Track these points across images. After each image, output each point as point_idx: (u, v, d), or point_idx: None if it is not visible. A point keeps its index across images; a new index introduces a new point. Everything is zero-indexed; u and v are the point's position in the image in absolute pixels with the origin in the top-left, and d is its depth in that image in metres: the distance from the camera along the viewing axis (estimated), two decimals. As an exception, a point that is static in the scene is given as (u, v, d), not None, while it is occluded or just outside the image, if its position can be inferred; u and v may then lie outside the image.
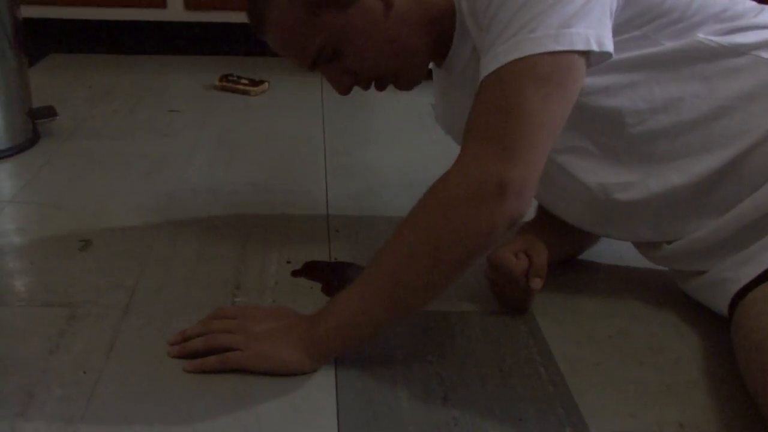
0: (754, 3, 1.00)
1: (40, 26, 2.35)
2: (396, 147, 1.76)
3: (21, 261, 1.19)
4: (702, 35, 0.94)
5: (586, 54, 0.85)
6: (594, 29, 0.84)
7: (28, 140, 1.65)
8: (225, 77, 2.15)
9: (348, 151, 1.70)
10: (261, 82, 2.13)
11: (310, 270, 1.17)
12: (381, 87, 1.06)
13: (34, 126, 1.69)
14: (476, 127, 0.85)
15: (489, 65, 0.85)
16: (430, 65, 1.09)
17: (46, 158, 1.59)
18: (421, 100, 2.04)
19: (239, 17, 2.48)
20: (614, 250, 1.25)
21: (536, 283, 1.05)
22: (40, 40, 2.33)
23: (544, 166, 0.86)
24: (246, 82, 2.12)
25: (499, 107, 0.84)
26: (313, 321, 0.91)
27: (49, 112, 1.72)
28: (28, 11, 1.78)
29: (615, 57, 0.88)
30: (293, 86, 2.17)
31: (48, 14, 2.47)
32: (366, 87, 1.06)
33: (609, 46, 0.85)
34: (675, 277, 1.13)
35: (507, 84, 0.83)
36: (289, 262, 1.19)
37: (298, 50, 1.01)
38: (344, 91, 1.05)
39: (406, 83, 1.05)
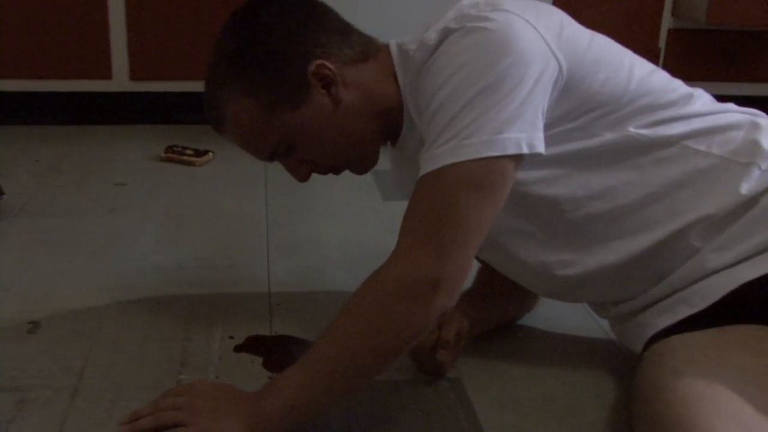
0: (684, 90, 1.08)
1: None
2: (336, 217, 1.83)
3: (-29, 346, 1.23)
4: (633, 129, 1.02)
5: (518, 156, 0.93)
6: (526, 132, 0.93)
7: (-25, 220, 1.69)
8: (170, 148, 2.21)
9: (290, 223, 1.78)
10: (205, 152, 2.20)
11: (252, 344, 1.23)
12: (337, 173, 1.15)
13: (-18, 206, 1.73)
14: (411, 226, 0.93)
15: (427, 165, 0.93)
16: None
17: (-7, 238, 1.63)
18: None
19: (184, 86, 2.58)
20: (544, 317, 1.34)
21: (442, 355, 1.14)
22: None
23: (486, 244, 0.96)
24: (191, 152, 2.19)
25: (433, 210, 0.92)
26: (256, 400, 0.96)
27: (-3, 191, 1.77)
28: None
29: (554, 150, 0.97)
30: (237, 155, 2.20)
31: (-5, 87, 2.52)
32: (324, 173, 1.15)
33: (540, 147, 0.94)
34: (599, 313, 1.21)
35: (442, 187, 0.92)
36: (231, 338, 1.25)
37: (255, 147, 1.10)
38: (303, 179, 1.14)
39: (361, 169, 1.15)
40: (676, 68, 2.83)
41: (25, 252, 1.57)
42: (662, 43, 2.80)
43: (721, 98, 1.11)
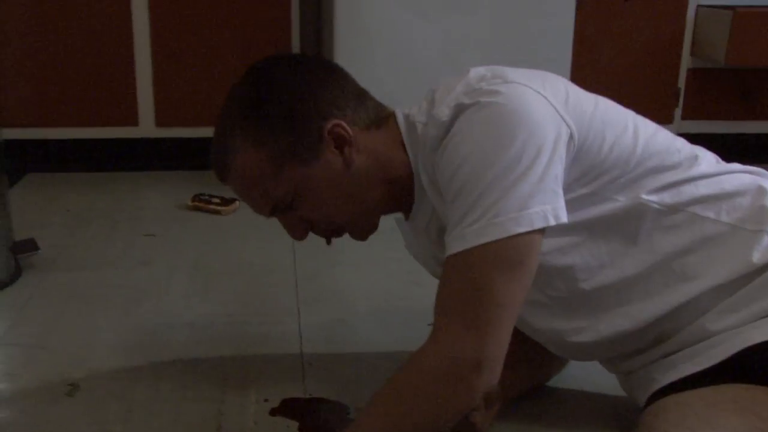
0: (688, 150, 1.09)
1: (16, 147, 2.45)
2: (363, 267, 1.85)
3: (11, 410, 1.25)
4: (644, 195, 1.03)
5: (544, 228, 0.96)
6: (550, 203, 0.95)
7: (10, 276, 1.73)
8: (197, 197, 2.25)
9: (317, 275, 1.80)
10: (232, 200, 2.23)
11: (287, 408, 1.25)
12: (335, 235, 1.16)
13: (16, 260, 1.77)
14: (448, 306, 0.96)
15: (455, 245, 0.95)
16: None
17: (28, 294, 1.66)
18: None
19: (209, 132, 2.61)
20: (573, 376, 1.35)
21: (475, 416, 1.15)
22: (16, 162, 2.42)
23: None
24: (218, 201, 2.23)
25: (468, 291, 0.94)
26: None
27: (31, 246, 1.80)
28: (5, 133, 1.87)
29: (571, 218, 0.99)
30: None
31: (25, 135, 2.57)
32: (322, 234, 1.15)
33: (563, 216, 0.96)
34: (608, 369, 1.21)
35: (475, 268, 0.94)
36: (266, 401, 1.27)
37: (258, 199, 1.10)
38: (299, 237, 1.14)
39: (359, 234, 1.16)
40: (696, 107, 2.86)
41: (60, 308, 1.61)
42: (681, 83, 2.82)
43: (739, 136, 1.12)
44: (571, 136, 1.00)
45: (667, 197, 1.04)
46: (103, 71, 2.57)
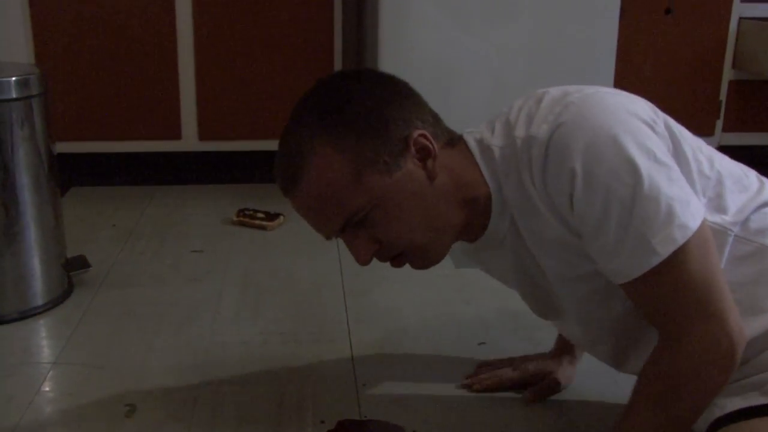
0: (754, 174, 1.09)
1: (61, 161, 2.48)
2: (411, 284, 1.85)
3: (72, 431, 1.27)
4: (728, 218, 1.02)
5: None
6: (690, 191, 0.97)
7: (63, 292, 1.75)
8: (242, 212, 2.26)
9: (366, 292, 1.81)
10: (277, 215, 2.24)
11: (343, 429, 1.26)
12: (400, 263, 1.10)
13: (69, 277, 1.79)
14: (674, 312, 0.97)
15: (647, 258, 0.93)
16: None
17: (82, 311, 1.69)
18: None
19: (251, 146, 2.64)
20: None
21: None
22: (61, 175, 2.45)
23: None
24: (262, 215, 2.24)
25: (687, 289, 0.95)
26: None
27: (82, 263, 1.83)
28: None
29: None
30: (307, 217, 2.28)
31: (69, 149, 2.60)
32: (387, 259, 1.09)
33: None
34: None
35: (680, 271, 0.94)
36: (323, 422, 1.28)
37: (330, 211, 1.02)
38: (366, 261, 1.07)
39: (427, 260, 1.09)
40: (737, 120, 2.83)
41: (114, 326, 1.63)
42: (723, 95, 2.80)
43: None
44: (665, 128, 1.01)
45: (742, 226, 1.03)
46: (147, 85, 2.60)
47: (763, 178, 1.10)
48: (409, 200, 1.02)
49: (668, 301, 0.96)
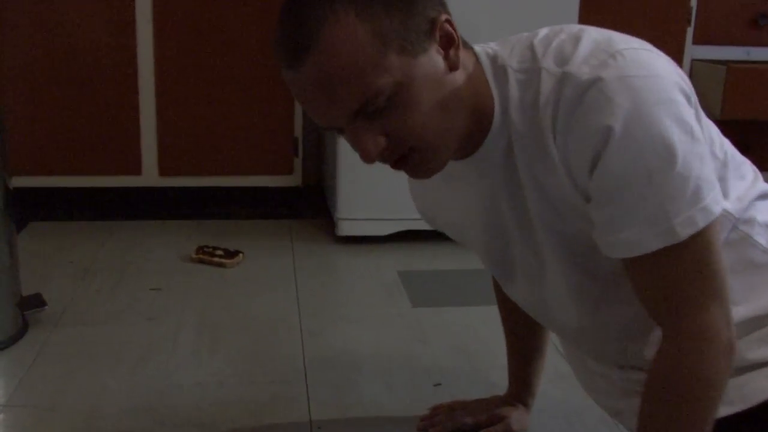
0: (749, 163, 1.06)
1: (19, 196, 2.46)
2: (367, 323, 1.87)
3: (23, 475, 1.26)
4: (728, 205, 0.97)
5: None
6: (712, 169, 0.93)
7: (17, 332, 1.74)
8: (201, 249, 2.26)
9: (322, 331, 1.81)
10: (236, 253, 2.25)
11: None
12: (403, 163, 0.96)
13: (23, 316, 1.78)
14: (680, 298, 0.91)
15: (663, 237, 0.88)
16: None
17: (35, 351, 1.67)
18: (388, 269, 2.17)
19: (211, 182, 2.64)
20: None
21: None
22: (19, 210, 2.43)
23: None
24: (221, 253, 2.24)
25: (697, 273, 0.90)
26: None
27: (38, 302, 1.81)
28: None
29: None
30: (266, 254, 2.29)
31: (27, 184, 2.58)
32: (390, 158, 0.95)
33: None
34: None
35: (693, 255, 0.90)
36: (276, 466, 1.28)
37: (347, 93, 0.88)
38: (373, 158, 0.93)
39: (430, 165, 0.97)
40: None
41: (67, 366, 1.61)
42: (678, 135, 2.86)
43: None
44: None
45: (737, 211, 0.99)
46: (107, 119, 2.60)
47: (756, 169, 1.07)
48: (428, 89, 0.91)
49: (674, 284, 0.91)
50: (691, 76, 2.81)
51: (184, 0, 2.54)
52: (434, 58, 0.92)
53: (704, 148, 0.90)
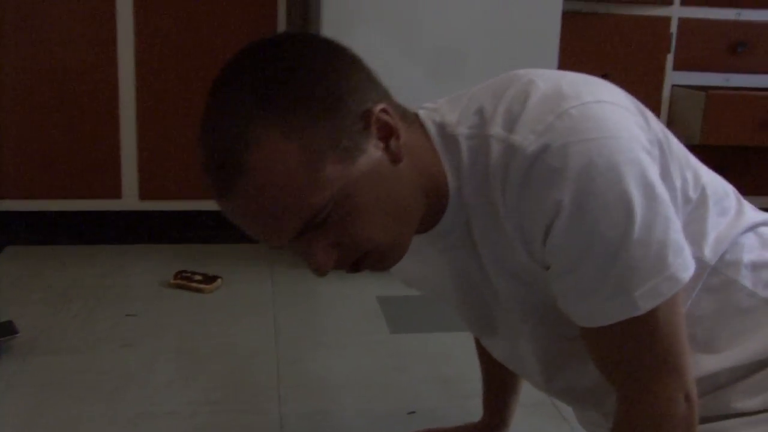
0: (732, 191, 1.01)
1: (-2, 220, 2.46)
2: (345, 350, 1.86)
3: None
4: (706, 251, 0.93)
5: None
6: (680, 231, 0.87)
7: (-10, 360, 1.72)
8: (179, 274, 2.25)
9: (299, 359, 1.80)
10: (215, 278, 2.24)
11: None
12: (360, 267, 0.91)
13: (-4, 344, 1.76)
14: (638, 368, 0.88)
15: (623, 309, 0.84)
16: None
17: (5, 382, 1.65)
18: (367, 294, 2.17)
19: (192, 205, 2.63)
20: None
21: None
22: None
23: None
24: (200, 278, 2.23)
25: (655, 345, 0.87)
26: None
27: (9, 330, 1.79)
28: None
29: None
30: (245, 279, 2.28)
31: (5, 207, 2.57)
32: (345, 265, 0.90)
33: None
34: None
35: (655, 326, 0.86)
36: (247, 499, 1.27)
37: (286, 215, 0.82)
38: (326, 270, 0.87)
39: (389, 262, 0.92)
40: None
41: (40, 397, 1.59)
42: (658, 159, 2.87)
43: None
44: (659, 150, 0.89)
45: (716, 255, 0.94)
46: (88, 143, 2.59)
47: (740, 197, 1.02)
48: (375, 191, 0.85)
49: (633, 355, 0.88)
50: (672, 101, 2.83)
51: (166, 21, 2.54)
52: (374, 155, 0.85)
53: (668, 208, 0.85)
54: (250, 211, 0.82)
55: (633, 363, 0.89)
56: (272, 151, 0.80)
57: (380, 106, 0.86)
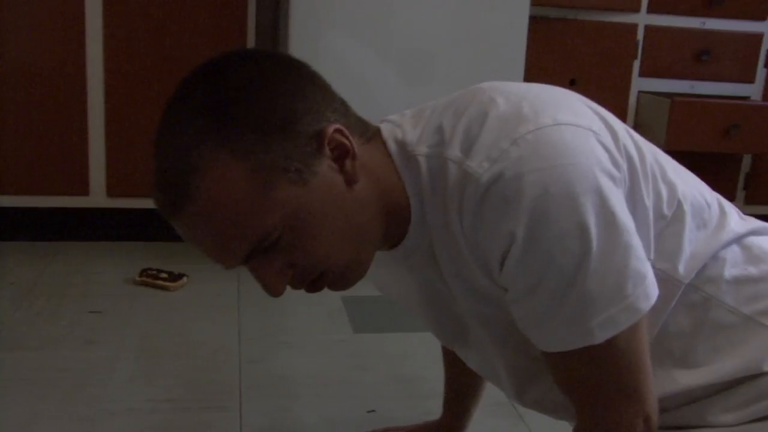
0: (715, 200, 0.99)
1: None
2: (308, 350, 1.87)
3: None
4: (680, 268, 0.91)
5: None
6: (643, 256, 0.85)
7: (-49, 355, 1.71)
8: (145, 271, 2.25)
9: (263, 358, 1.81)
10: (180, 276, 2.24)
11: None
12: (318, 287, 0.91)
13: (-42, 340, 1.75)
14: (598, 389, 0.87)
15: (579, 338, 0.84)
16: None
17: (-32, 376, 1.65)
18: (333, 295, 2.18)
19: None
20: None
21: None
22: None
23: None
24: (165, 276, 2.23)
25: (615, 371, 0.86)
26: None
27: (-27, 325, 1.79)
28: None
29: None
30: (210, 278, 2.29)
31: (-28, 203, 2.56)
32: (300, 285, 0.90)
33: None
34: None
35: (622, 347, 0.84)
36: (203, 495, 1.28)
37: (234, 237, 0.81)
38: (280, 291, 0.87)
39: (347, 282, 0.91)
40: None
41: (0, 392, 1.59)
42: (624, 164, 2.91)
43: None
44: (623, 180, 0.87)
45: (693, 271, 0.92)
46: (55, 138, 2.58)
47: (725, 204, 1.00)
48: (328, 213, 0.84)
49: (591, 380, 0.88)
50: (638, 107, 2.87)
51: (135, 19, 2.54)
52: (328, 176, 0.84)
53: (630, 236, 0.83)
54: (198, 234, 0.82)
55: (591, 388, 0.88)
56: (220, 174, 0.79)
57: (334, 126, 0.85)
